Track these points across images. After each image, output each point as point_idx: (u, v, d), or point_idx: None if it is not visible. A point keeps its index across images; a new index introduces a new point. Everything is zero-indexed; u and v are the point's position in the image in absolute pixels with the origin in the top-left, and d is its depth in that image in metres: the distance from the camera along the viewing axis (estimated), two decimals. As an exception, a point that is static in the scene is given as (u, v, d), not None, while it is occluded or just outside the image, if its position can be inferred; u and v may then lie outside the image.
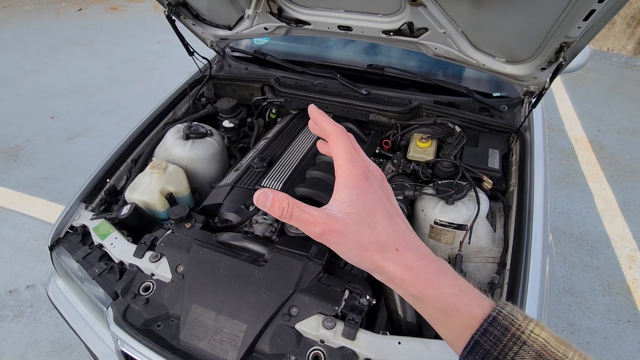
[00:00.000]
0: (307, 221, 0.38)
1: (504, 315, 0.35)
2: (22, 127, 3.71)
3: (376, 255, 0.38)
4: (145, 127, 1.64)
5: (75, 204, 1.34)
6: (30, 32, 6.01)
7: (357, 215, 0.39)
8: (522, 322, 0.35)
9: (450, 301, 0.37)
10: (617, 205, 2.72)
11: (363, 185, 0.40)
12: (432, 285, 0.37)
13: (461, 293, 0.37)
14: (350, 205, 0.39)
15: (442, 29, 1.24)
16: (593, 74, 4.52)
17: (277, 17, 1.49)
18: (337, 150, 0.43)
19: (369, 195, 0.40)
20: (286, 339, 0.94)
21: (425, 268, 0.38)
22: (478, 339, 0.35)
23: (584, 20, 0.92)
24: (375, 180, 0.42)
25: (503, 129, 1.49)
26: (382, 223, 0.39)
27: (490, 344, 0.34)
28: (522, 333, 0.34)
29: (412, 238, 0.40)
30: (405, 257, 0.38)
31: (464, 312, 0.36)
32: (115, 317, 1.04)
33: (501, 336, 0.34)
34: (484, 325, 0.35)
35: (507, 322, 0.35)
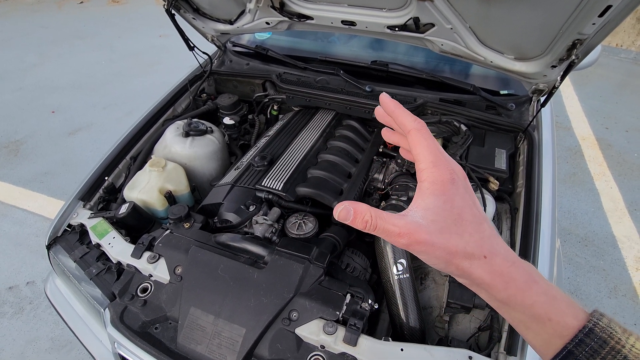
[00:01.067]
0: (392, 232, 0.37)
1: (601, 327, 0.33)
2: (23, 122, 3.69)
3: (464, 263, 0.37)
4: (144, 124, 1.61)
5: (74, 202, 1.32)
6: (32, 25, 5.98)
7: (443, 222, 0.37)
8: (622, 336, 0.33)
9: (542, 310, 0.35)
10: (624, 205, 2.67)
11: (450, 190, 0.38)
12: (524, 293, 0.36)
13: (554, 302, 0.36)
14: (436, 212, 0.37)
15: (449, 24, 1.20)
16: (601, 70, 4.44)
17: (279, 12, 1.45)
18: (421, 150, 0.40)
19: (456, 201, 0.38)
20: (286, 344, 0.92)
21: (515, 275, 0.37)
22: (572, 349, 0.33)
23: (599, 17, 0.88)
24: (461, 183, 0.40)
25: (510, 128, 1.45)
26: (469, 230, 0.37)
27: (586, 355, 0.33)
28: (622, 347, 0.32)
29: (499, 243, 0.39)
30: (495, 264, 0.37)
31: (557, 322, 0.35)
32: (112, 319, 1.02)
33: (599, 349, 0.33)
34: (579, 336, 0.33)
35: (606, 335, 0.33)
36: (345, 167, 1.39)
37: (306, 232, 1.17)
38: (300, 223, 1.19)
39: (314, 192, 1.24)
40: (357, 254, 1.23)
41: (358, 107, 1.58)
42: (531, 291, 0.36)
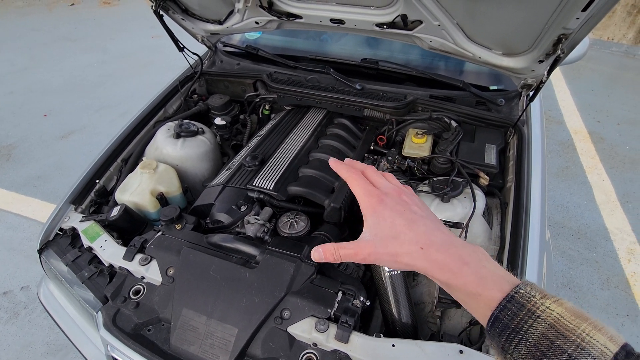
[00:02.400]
0: (350, 254, 0.49)
1: (521, 294, 0.40)
2: (15, 126, 3.66)
3: (406, 258, 0.46)
4: (135, 126, 1.61)
5: (65, 205, 1.31)
6: (22, 28, 5.93)
7: (381, 233, 0.48)
8: (539, 300, 0.39)
9: (473, 288, 0.42)
10: (616, 198, 2.70)
11: (379, 208, 0.49)
12: (456, 275, 0.43)
13: (483, 280, 0.42)
14: (375, 228, 0.48)
15: (437, 21, 1.20)
16: (593, 64, 4.47)
17: (268, 11, 1.45)
18: (354, 189, 0.52)
19: (386, 214, 0.48)
20: (278, 343, 0.92)
21: (447, 260, 0.44)
22: (497, 314, 0.40)
23: (582, 11, 0.89)
24: (391, 199, 0.50)
25: (500, 123, 1.46)
26: (403, 231, 0.47)
27: (508, 318, 0.39)
28: (537, 309, 0.38)
29: (435, 235, 0.46)
30: (430, 253, 0.44)
31: (486, 296, 0.41)
32: (104, 322, 1.02)
33: (517, 311, 0.39)
34: (503, 302, 0.40)
35: (524, 300, 0.39)
36: (337, 165, 1.39)
37: (298, 231, 1.17)
38: (292, 222, 1.19)
39: (305, 191, 1.24)
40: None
41: (349, 105, 1.58)
42: (462, 273, 0.43)
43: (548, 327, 0.36)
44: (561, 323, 0.36)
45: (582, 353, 0.34)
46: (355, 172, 0.54)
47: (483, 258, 0.45)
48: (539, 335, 0.37)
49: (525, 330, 0.37)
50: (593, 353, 0.34)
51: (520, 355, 0.37)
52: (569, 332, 0.36)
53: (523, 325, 0.38)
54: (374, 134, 1.59)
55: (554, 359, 0.35)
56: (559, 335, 0.36)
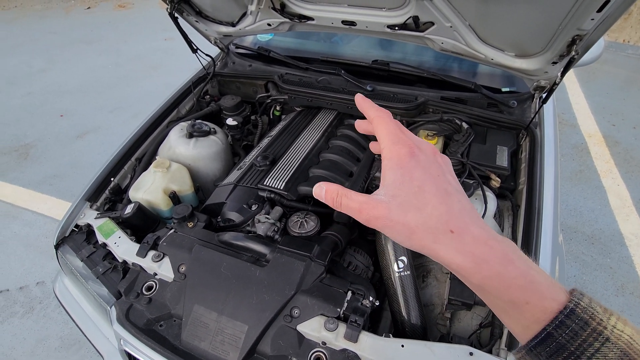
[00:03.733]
0: (352, 208, 0.38)
1: (582, 307, 0.31)
2: (32, 126, 3.76)
3: (426, 239, 0.35)
4: (149, 126, 1.64)
5: (80, 202, 1.34)
6: (40, 30, 6.09)
7: (402, 196, 0.36)
8: (603, 316, 0.31)
9: (521, 294, 0.33)
10: (631, 203, 2.64)
11: (408, 164, 0.38)
12: (499, 276, 0.33)
13: (532, 285, 0.33)
14: (394, 187, 0.37)
15: (449, 22, 1.20)
16: (608, 66, 4.39)
17: (280, 13, 1.46)
18: (380, 132, 0.41)
19: (416, 174, 0.37)
20: (287, 341, 0.93)
21: (488, 255, 0.33)
22: (552, 332, 0.31)
23: (597, 12, 0.88)
24: (424, 156, 0.39)
25: (512, 125, 1.45)
26: (432, 202, 0.36)
27: (566, 337, 0.31)
28: (604, 328, 0.30)
29: (472, 218, 0.36)
30: (463, 241, 0.34)
31: (536, 305, 0.32)
32: (118, 317, 1.04)
33: (580, 330, 0.31)
34: (560, 317, 0.31)
35: (587, 316, 0.31)
36: (347, 166, 1.40)
37: (308, 231, 1.18)
38: (302, 222, 1.20)
39: (315, 191, 1.25)
40: (359, 252, 1.24)
41: (359, 107, 1.59)
42: (507, 274, 0.33)
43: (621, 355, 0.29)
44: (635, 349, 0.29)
45: None
46: (387, 113, 0.43)
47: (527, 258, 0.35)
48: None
49: (591, 355, 0.30)
50: None
51: None
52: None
53: (587, 348, 0.30)
54: (384, 135, 1.59)
55: None
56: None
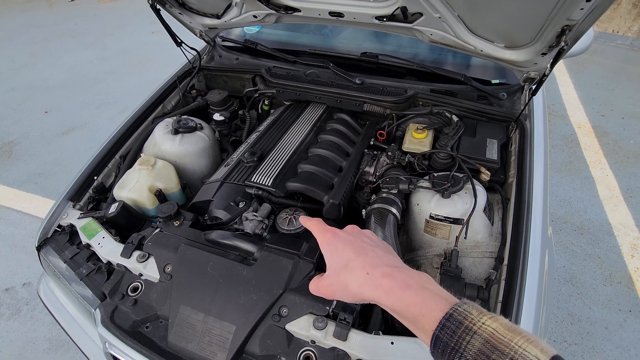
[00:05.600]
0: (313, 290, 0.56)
1: (459, 312, 0.41)
2: (16, 123, 3.67)
3: (354, 285, 0.48)
4: (133, 122, 1.59)
5: (63, 202, 1.31)
6: (22, 24, 5.92)
7: (335, 264, 0.52)
8: (476, 317, 0.40)
9: (417, 310, 0.43)
10: (620, 193, 2.67)
11: (332, 241, 0.54)
12: (400, 299, 0.44)
13: (425, 301, 0.43)
14: (330, 261, 0.53)
15: (438, 13, 1.18)
16: (597, 57, 4.41)
17: (266, 4, 1.42)
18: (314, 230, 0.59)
19: (338, 245, 0.53)
20: (276, 340, 0.92)
21: (392, 284, 0.45)
22: (438, 334, 0.41)
23: (587, 1, 0.86)
24: (344, 233, 0.55)
25: (502, 118, 1.44)
26: (352, 258, 0.50)
27: (447, 336, 0.40)
28: (473, 325, 0.39)
29: (381, 261, 0.49)
30: (375, 278, 0.47)
31: (429, 317, 0.42)
32: (102, 319, 1.02)
33: (456, 329, 0.40)
34: (442, 321, 0.41)
35: (462, 317, 0.40)
36: (336, 161, 1.38)
37: (297, 228, 1.16)
38: (290, 218, 1.18)
39: (304, 187, 1.23)
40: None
41: (348, 100, 1.56)
42: (405, 295, 0.44)
43: (484, 342, 0.38)
44: (496, 337, 0.38)
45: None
46: (317, 219, 0.61)
47: (427, 281, 0.46)
48: (476, 350, 0.38)
49: (464, 348, 0.39)
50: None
51: None
52: (503, 345, 0.37)
53: (461, 342, 0.39)
54: (374, 129, 1.57)
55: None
56: (494, 350, 0.37)
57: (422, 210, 1.19)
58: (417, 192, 1.24)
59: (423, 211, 1.19)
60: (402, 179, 1.23)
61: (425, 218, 1.19)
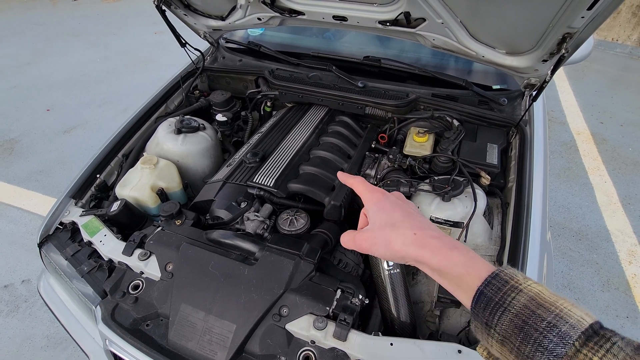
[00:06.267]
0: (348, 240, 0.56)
1: (505, 273, 0.42)
2: (17, 120, 3.67)
3: (399, 242, 0.49)
4: (136, 121, 1.60)
5: (65, 199, 1.31)
6: (26, 22, 5.93)
7: (380, 221, 0.53)
8: (522, 279, 0.41)
9: (464, 268, 0.45)
10: (618, 199, 2.68)
11: (381, 200, 0.55)
12: (447, 258, 0.46)
13: (472, 261, 0.45)
14: (374, 217, 0.54)
15: (440, 19, 1.20)
16: (597, 64, 4.44)
17: (270, 7, 1.44)
18: (359, 187, 0.59)
19: (387, 205, 0.54)
20: (276, 340, 0.92)
21: (439, 244, 0.47)
22: (483, 289, 0.42)
23: (587, 10, 0.88)
24: (392, 196, 0.57)
25: (502, 123, 1.45)
26: (401, 219, 0.52)
27: (492, 292, 0.41)
28: (519, 284, 0.40)
29: (427, 225, 0.52)
30: (423, 239, 0.48)
31: (474, 275, 0.44)
32: (103, 316, 1.02)
33: (502, 286, 0.41)
34: (488, 279, 0.42)
35: (507, 277, 0.42)
36: (338, 163, 1.39)
37: (298, 228, 1.17)
38: (291, 219, 1.19)
39: (305, 188, 1.24)
40: (350, 249, 1.23)
41: (351, 103, 1.58)
42: (453, 255, 0.46)
43: (529, 299, 0.38)
44: (541, 297, 0.39)
45: (561, 321, 0.36)
46: (359, 177, 0.62)
47: (470, 249, 0.48)
48: (521, 305, 0.38)
49: (509, 303, 0.39)
50: (571, 322, 0.36)
51: (503, 327, 0.39)
52: (549, 304, 0.38)
53: (506, 298, 0.40)
54: (376, 132, 1.58)
55: (534, 326, 0.37)
56: (539, 306, 0.38)
57: (423, 213, 1.20)
58: (417, 195, 1.25)
59: (423, 214, 1.20)
60: (403, 182, 1.24)
61: (425, 221, 1.20)
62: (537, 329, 0.36)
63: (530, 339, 0.36)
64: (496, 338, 0.40)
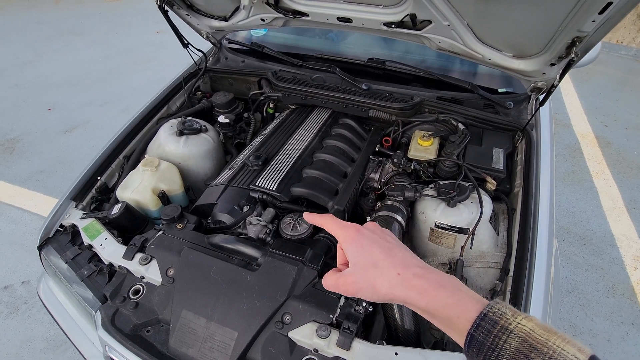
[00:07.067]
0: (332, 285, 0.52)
1: (493, 312, 0.41)
2: (18, 119, 3.66)
3: (385, 285, 0.47)
4: (138, 122, 1.59)
5: (65, 202, 1.30)
6: (27, 21, 5.93)
7: (361, 262, 0.50)
8: (510, 317, 0.40)
9: (452, 311, 0.43)
10: (623, 204, 2.66)
11: (357, 238, 0.52)
12: (435, 299, 0.44)
13: (460, 302, 0.43)
14: (354, 258, 0.51)
15: (447, 21, 1.18)
16: (601, 67, 4.42)
17: (274, 8, 1.42)
18: (331, 226, 0.55)
19: (364, 242, 0.51)
20: (279, 348, 0.90)
21: (425, 285, 0.45)
22: (473, 333, 0.41)
23: (599, 14, 0.86)
24: (366, 230, 0.53)
25: (508, 127, 1.43)
26: (381, 258, 0.49)
27: (483, 336, 0.40)
28: (509, 324, 0.39)
29: (411, 262, 0.49)
30: (407, 278, 0.46)
31: (464, 317, 0.42)
32: (103, 322, 1.01)
33: (491, 328, 0.40)
34: (477, 321, 0.41)
35: (496, 317, 0.40)
36: (341, 166, 1.37)
37: (301, 233, 1.15)
38: (294, 224, 1.17)
39: (308, 192, 1.22)
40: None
41: (354, 106, 1.56)
42: (440, 295, 0.44)
43: (521, 342, 0.38)
44: (533, 337, 0.38)
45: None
46: (328, 214, 0.58)
47: (458, 283, 0.46)
48: (514, 350, 0.38)
49: (501, 347, 0.39)
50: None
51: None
52: (541, 344, 0.37)
53: (498, 341, 0.39)
54: (380, 135, 1.56)
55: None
56: (532, 349, 0.37)
57: (427, 218, 1.18)
58: (422, 200, 1.23)
59: (428, 219, 1.18)
60: (407, 186, 1.23)
61: (430, 226, 1.18)
62: None
63: None
64: None
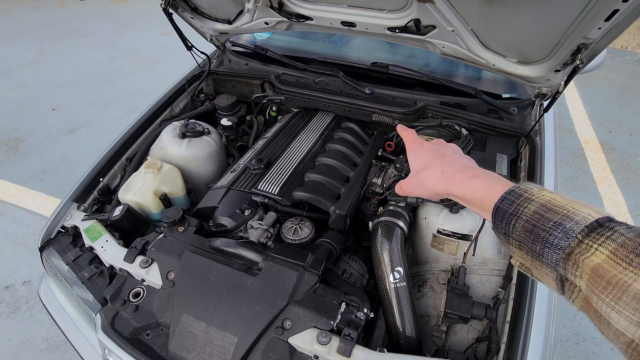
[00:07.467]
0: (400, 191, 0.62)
1: (520, 187, 0.45)
2: (23, 119, 3.68)
3: (430, 181, 0.56)
4: (141, 124, 1.59)
5: (67, 203, 1.30)
6: (33, 21, 5.98)
7: (416, 165, 0.60)
8: (536, 191, 0.44)
9: (484, 192, 0.49)
10: (627, 210, 2.64)
11: (417, 148, 0.62)
12: (469, 187, 0.51)
13: (490, 185, 0.49)
14: (412, 163, 0.61)
15: (451, 26, 1.17)
16: (605, 72, 4.39)
17: (278, 12, 1.42)
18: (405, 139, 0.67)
19: (422, 151, 0.61)
20: (279, 354, 0.90)
21: (462, 177, 0.52)
22: (499, 205, 0.45)
23: (605, 21, 0.85)
24: (428, 144, 0.62)
25: (512, 133, 1.42)
26: (431, 161, 0.58)
27: (507, 205, 0.44)
28: (532, 195, 0.43)
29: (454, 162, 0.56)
30: (448, 174, 0.54)
31: (493, 196, 0.47)
32: (103, 325, 1.01)
33: (515, 199, 0.44)
34: (504, 195, 0.45)
35: (521, 191, 0.44)
36: (343, 170, 1.37)
37: (302, 238, 1.14)
38: (296, 228, 1.17)
39: (310, 197, 1.22)
40: (354, 259, 1.21)
41: (357, 110, 1.56)
42: (474, 183, 0.50)
43: (540, 206, 0.41)
44: (553, 202, 0.41)
45: (566, 220, 0.38)
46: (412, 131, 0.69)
47: (492, 174, 0.52)
48: (531, 212, 0.41)
49: (521, 212, 0.42)
50: (576, 219, 0.38)
51: (517, 233, 0.43)
52: (558, 207, 0.40)
53: (519, 208, 0.43)
54: (382, 139, 1.56)
55: (542, 227, 0.40)
56: (548, 210, 0.40)
57: (430, 224, 1.18)
58: (425, 205, 1.22)
59: (431, 225, 1.17)
60: (410, 191, 1.22)
61: (432, 232, 1.17)
62: (545, 229, 0.39)
63: (539, 238, 0.40)
64: (514, 245, 0.44)
